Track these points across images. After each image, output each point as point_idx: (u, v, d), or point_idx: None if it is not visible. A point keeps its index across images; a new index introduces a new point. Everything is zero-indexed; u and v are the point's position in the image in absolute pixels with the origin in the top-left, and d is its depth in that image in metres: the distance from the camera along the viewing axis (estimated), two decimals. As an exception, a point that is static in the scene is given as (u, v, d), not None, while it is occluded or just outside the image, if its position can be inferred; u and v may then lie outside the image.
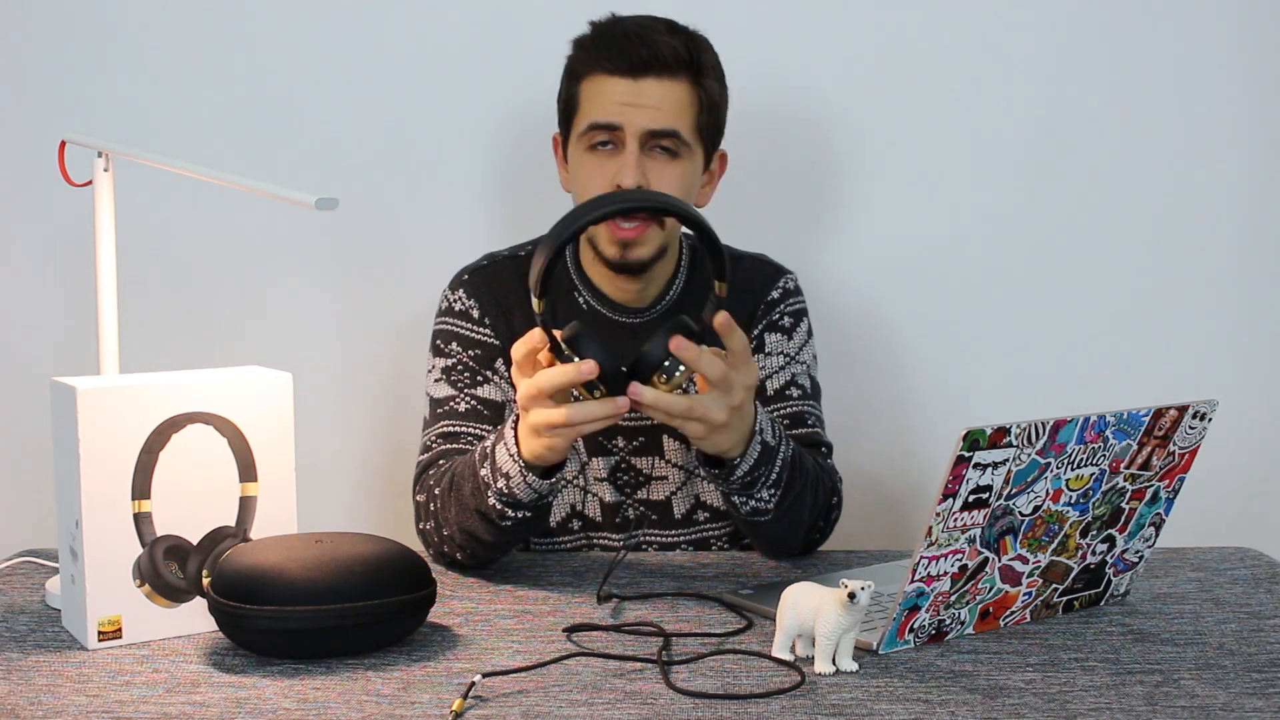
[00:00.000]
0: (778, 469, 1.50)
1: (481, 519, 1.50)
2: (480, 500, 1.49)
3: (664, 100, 1.62)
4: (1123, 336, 2.12)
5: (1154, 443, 1.34)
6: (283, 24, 2.04)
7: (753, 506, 1.53)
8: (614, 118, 1.61)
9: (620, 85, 1.61)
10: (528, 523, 1.51)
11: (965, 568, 1.28)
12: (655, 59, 1.60)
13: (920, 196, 2.10)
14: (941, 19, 2.06)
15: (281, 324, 2.09)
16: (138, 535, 1.32)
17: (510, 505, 1.47)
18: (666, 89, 1.62)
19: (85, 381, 1.31)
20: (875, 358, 2.13)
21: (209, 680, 1.22)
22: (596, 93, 1.63)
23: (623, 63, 1.61)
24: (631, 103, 1.61)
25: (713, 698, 1.17)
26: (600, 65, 1.62)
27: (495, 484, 1.47)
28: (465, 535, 1.53)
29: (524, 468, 1.44)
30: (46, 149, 1.66)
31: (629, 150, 1.61)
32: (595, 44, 1.64)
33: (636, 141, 1.61)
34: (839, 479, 1.69)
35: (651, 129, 1.61)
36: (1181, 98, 2.08)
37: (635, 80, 1.61)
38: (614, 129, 1.62)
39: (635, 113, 1.61)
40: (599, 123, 1.62)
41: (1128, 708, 1.15)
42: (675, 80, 1.62)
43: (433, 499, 1.56)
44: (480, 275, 1.73)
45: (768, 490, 1.51)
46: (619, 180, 1.61)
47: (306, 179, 2.05)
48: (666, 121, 1.62)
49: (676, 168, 1.64)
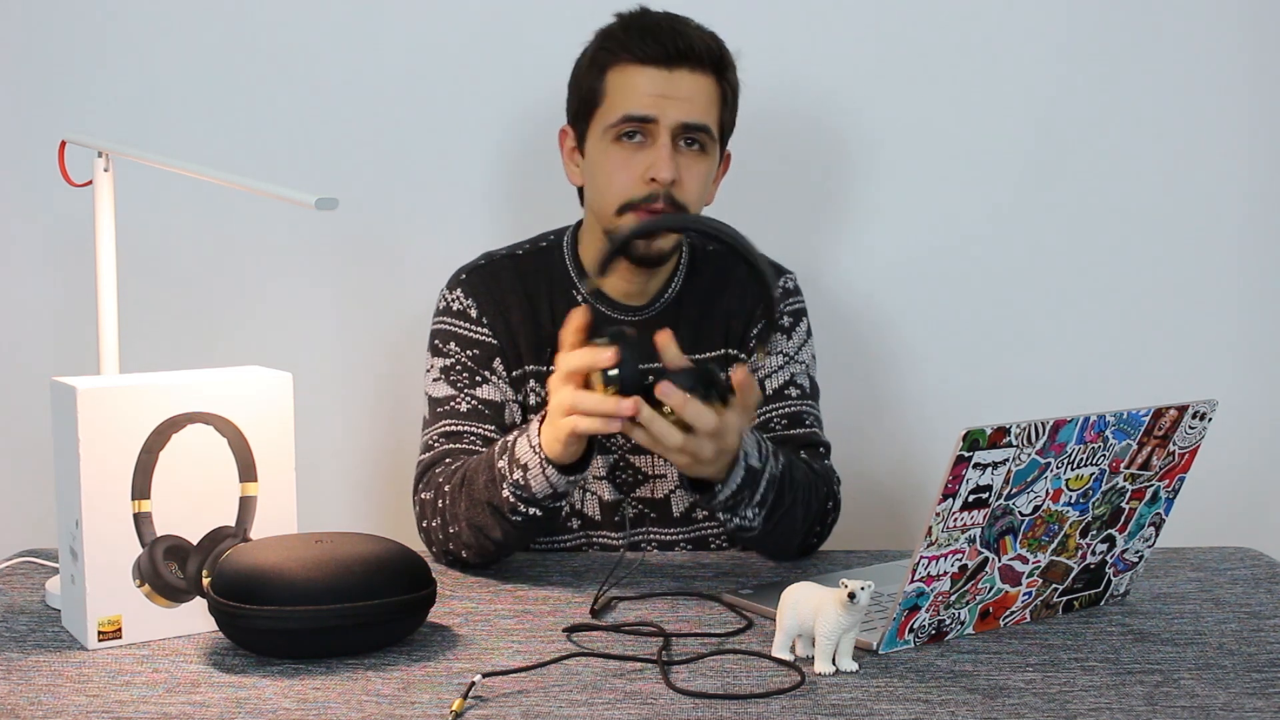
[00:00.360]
0: (762, 490, 1.50)
1: (493, 512, 1.50)
2: (494, 493, 1.49)
3: (696, 93, 1.61)
4: (1123, 336, 2.12)
5: (1154, 443, 1.34)
6: (283, 24, 2.04)
7: (737, 524, 1.53)
8: (649, 109, 1.60)
9: (654, 75, 1.60)
10: (538, 522, 1.50)
11: (965, 568, 1.28)
12: (690, 50, 1.60)
13: (921, 197, 2.10)
14: (943, 19, 2.06)
15: (281, 324, 2.09)
16: (138, 535, 1.32)
17: (523, 499, 1.47)
18: (698, 82, 1.61)
19: (85, 381, 1.31)
20: (875, 358, 2.13)
21: (209, 680, 1.22)
22: (627, 83, 1.61)
23: (658, 52, 1.60)
24: (666, 94, 1.60)
25: (713, 698, 1.17)
26: (632, 54, 1.61)
27: (511, 475, 1.47)
28: (473, 531, 1.53)
29: (544, 460, 1.44)
30: (46, 149, 1.65)
31: (662, 143, 1.60)
32: (626, 32, 1.63)
33: (669, 134, 1.60)
34: (837, 481, 1.69)
35: (686, 121, 1.61)
36: (1182, 98, 2.08)
37: (670, 71, 1.60)
38: (647, 121, 1.61)
39: (670, 105, 1.60)
40: (633, 114, 1.60)
41: (1128, 708, 1.15)
42: (705, 74, 1.62)
43: (441, 495, 1.56)
44: (478, 275, 1.73)
45: (751, 509, 1.51)
46: (653, 174, 1.60)
47: (306, 179, 2.05)
48: (699, 115, 1.61)
49: (703, 164, 1.64)
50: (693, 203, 1.63)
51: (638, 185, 1.61)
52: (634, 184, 1.61)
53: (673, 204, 1.61)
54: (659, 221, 1.48)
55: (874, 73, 2.07)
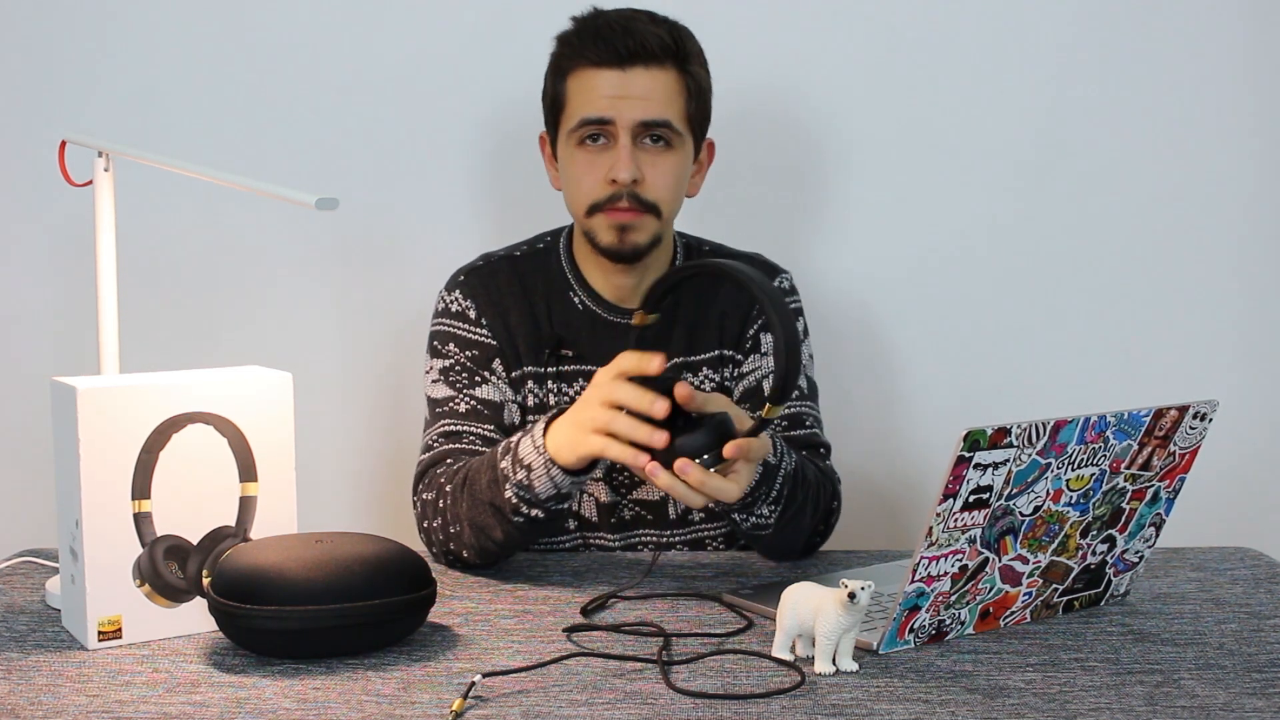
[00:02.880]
0: (778, 486, 1.50)
1: (495, 513, 1.50)
2: (496, 493, 1.49)
3: (653, 90, 1.61)
4: (1123, 336, 2.12)
5: (1154, 443, 1.34)
6: (282, 24, 2.04)
7: (754, 522, 1.53)
8: (604, 111, 1.61)
9: (608, 77, 1.61)
10: (539, 524, 1.50)
11: (965, 568, 1.28)
12: (642, 48, 1.60)
13: (920, 196, 2.10)
14: (940, 18, 2.06)
15: (281, 324, 2.09)
16: (138, 535, 1.32)
17: (526, 500, 1.47)
18: (655, 78, 1.61)
19: (85, 381, 1.31)
20: (875, 358, 2.13)
21: (209, 680, 1.22)
22: (584, 87, 1.62)
23: (609, 54, 1.60)
24: (621, 94, 1.60)
25: (713, 698, 1.17)
26: (586, 58, 1.62)
27: (515, 475, 1.47)
28: (475, 531, 1.53)
29: (548, 460, 1.44)
30: (46, 149, 1.66)
31: (621, 144, 1.61)
32: (579, 37, 1.63)
33: (629, 134, 1.61)
34: (838, 480, 1.69)
35: (643, 120, 1.61)
36: (1181, 98, 2.08)
37: (623, 71, 1.60)
38: (605, 123, 1.61)
39: (625, 104, 1.61)
40: (590, 118, 1.62)
41: (1128, 708, 1.15)
42: (663, 69, 1.62)
43: (443, 495, 1.56)
44: (476, 276, 1.73)
45: (768, 507, 1.51)
46: (613, 174, 1.61)
47: (306, 179, 2.05)
48: (657, 112, 1.61)
49: (669, 159, 1.64)
50: (663, 200, 1.64)
51: (601, 186, 1.62)
52: (598, 186, 1.62)
53: (638, 202, 1.62)
54: (688, 268, 1.43)
55: (873, 72, 2.07)
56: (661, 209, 1.64)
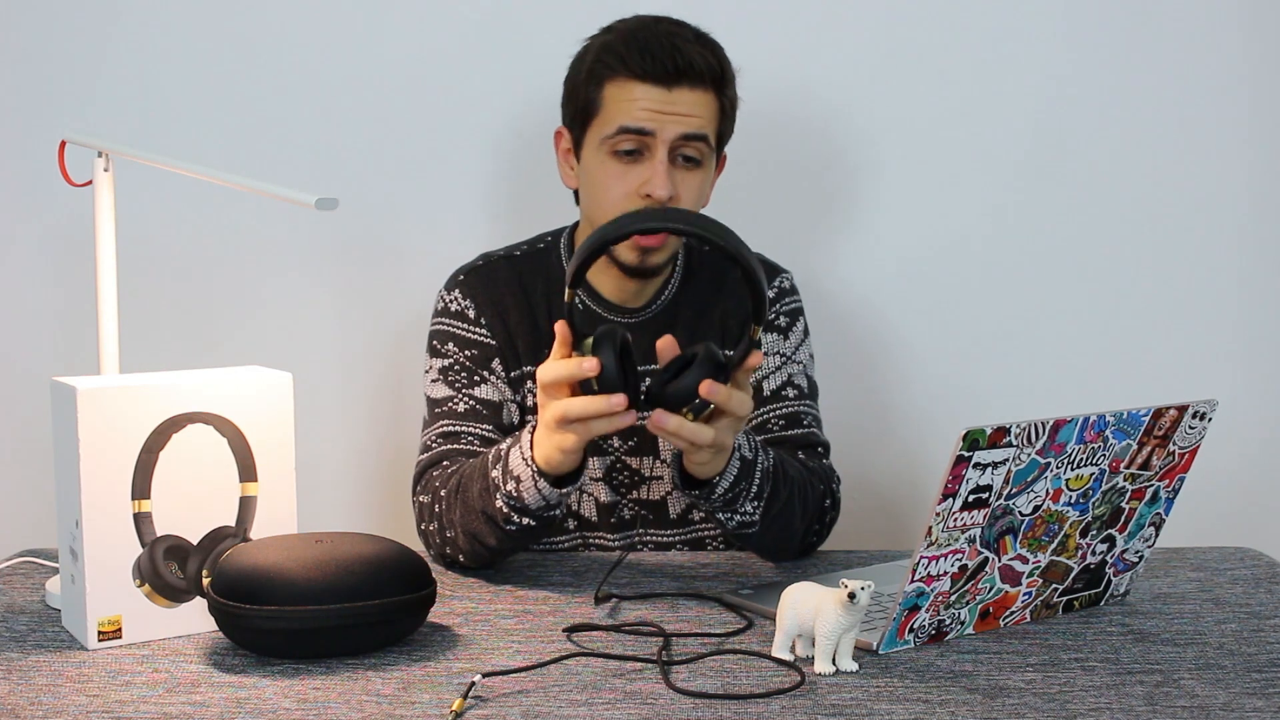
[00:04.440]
0: (758, 481, 1.50)
1: (487, 521, 1.50)
2: (487, 502, 1.49)
3: (695, 109, 1.60)
4: (1123, 336, 2.12)
5: (1154, 443, 1.34)
6: (283, 24, 2.04)
7: (738, 521, 1.53)
8: (646, 123, 1.59)
9: (652, 92, 1.59)
10: (532, 531, 1.50)
11: (965, 568, 1.28)
12: (690, 68, 1.59)
13: (920, 196, 2.10)
14: (942, 18, 2.06)
15: (281, 324, 2.09)
16: (138, 535, 1.32)
17: (516, 510, 1.47)
18: (698, 99, 1.60)
19: (85, 381, 1.31)
20: (875, 357, 2.13)
21: (209, 680, 1.22)
22: (624, 96, 1.60)
23: (657, 70, 1.58)
24: (664, 110, 1.59)
25: (713, 698, 1.17)
26: (630, 71, 1.59)
27: (505, 486, 1.47)
28: (469, 538, 1.53)
29: (536, 472, 1.44)
30: (46, 149, 1.66)
31: (658, 158, 1.60)
32: (626, 48, 1.60)
33: (666, 149, 1.60)
34: (836, 480, 1.69)
35: (685, 132, 1.60)
36: (1182, 98, 2.08)
37: (669, 89, 1.59)
38: (645, 134, 1.60)
39: (669, 120, 1.59)
40: (630, 126, 1.59)
41: (1128, 708, 1.15)
42: (705, 91, 1.61)
43: (438, 500, 1.56)
44: (475, 275, 1.73)
45: (750, 503, 1.51)
46: (649, 190, 1.59)
47: (306, 179, 2.05)
48: (696, 127, 1.60)
49: (698, 176, 1.64)
50: None
51: (632, 200, 1.61)
52: (628, 198, 1.61)
53: None
54: (651, 219, 1.43)
55: (874, 73, 2.07)
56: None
